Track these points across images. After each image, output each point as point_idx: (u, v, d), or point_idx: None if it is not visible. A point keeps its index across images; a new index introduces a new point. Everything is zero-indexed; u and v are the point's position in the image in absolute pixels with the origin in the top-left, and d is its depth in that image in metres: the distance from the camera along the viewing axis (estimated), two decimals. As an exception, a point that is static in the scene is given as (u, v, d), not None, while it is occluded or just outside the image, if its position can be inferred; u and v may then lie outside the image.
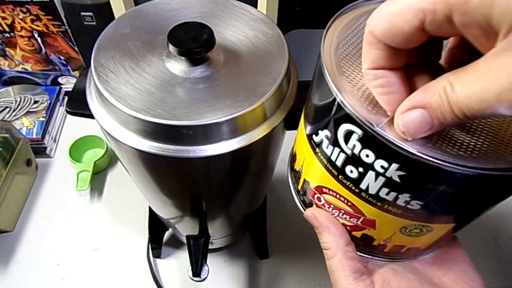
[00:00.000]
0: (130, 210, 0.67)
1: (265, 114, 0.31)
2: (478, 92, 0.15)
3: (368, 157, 0.20)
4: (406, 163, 0.18)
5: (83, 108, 0.33)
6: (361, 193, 0.22)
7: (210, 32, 0.30)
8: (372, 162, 0.20)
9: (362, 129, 0.19)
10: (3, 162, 0.61)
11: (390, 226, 0.23)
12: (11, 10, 0.64)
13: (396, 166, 0.19)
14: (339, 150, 0.21)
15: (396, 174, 0.19)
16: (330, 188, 0.24)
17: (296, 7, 0.65)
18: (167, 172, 0.35)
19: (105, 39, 0.34)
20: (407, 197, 0.20)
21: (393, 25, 0.16)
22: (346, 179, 0.22)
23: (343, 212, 0.25)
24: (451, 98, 0.16)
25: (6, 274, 0.60)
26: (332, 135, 0.21)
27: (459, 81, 0.16)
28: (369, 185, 0.21)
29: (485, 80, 0.14)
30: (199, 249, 0.50)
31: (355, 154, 0.20)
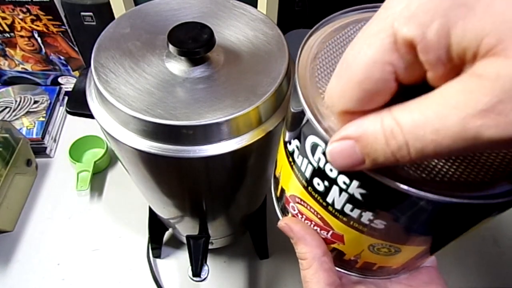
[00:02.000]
0: (130, 210, 0.67)
1: (265, 114, 0.31)
2: (433, 119, 0.12)
3: (331, 172, 0.19)
4: (365, 181, 0.18)
5: (83, 108, 0.33)
6: (328, 206, 0.21)
7: (210, 32, 0.30)
8: (336, 177, 0.19)
9: (326, 143, 0.18)
10: (3, 162, 0.61)
11: (358, 243, 0.22)
12: (11, 10, 0.64)
13: (356, 183, 0.18)
14: (307, 162, 0.21)
15: (357, 191, 0.18)
16: (301, 199, 0.24)
17: (296, 7, 0.65)
18: (167, 172, 0.35)
19: (105, 39, 0.34)
20: (370, 215, 0.19)
21: (366, 90, 0.14)
22: (314, 191, 0.22)
23: (314, 223, 0.24)
24: (394, 131, 0.13)
25: (6, 274, 0.60)
26: (301, 146, 0.21)
27: (406, 110, 0.13)
28: (335, 200, 0.20)
29: (443, 106, 0.12)
30: (199, 249, 0.50)
31: (320, 167, 0.20)
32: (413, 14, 0.13)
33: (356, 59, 0.14)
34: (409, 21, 0.13)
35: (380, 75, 0.14)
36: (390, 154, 0.14)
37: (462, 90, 0.12)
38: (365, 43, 0.14)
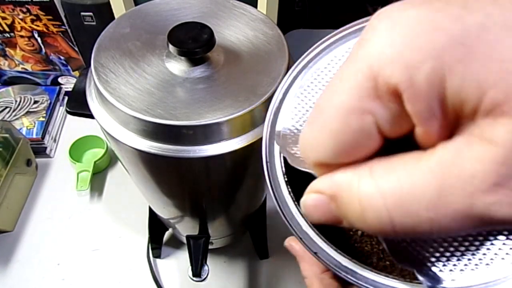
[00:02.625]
0: (130, 210, 0.67)
1: (265, 114, 0.31)
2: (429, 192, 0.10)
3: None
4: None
5: (83, 108, 0.33)
6: None
7: (210, 32, 0.30)
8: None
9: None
10: (3, 162, 0.61)
11: None
12: (11, 10, 0.64)
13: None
14: None
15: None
16: None
17: (296, 7, 0.65)
18: (167, 172, 0.35)
19: (105, 39, 0.34)
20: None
21: (342, 142, 0.12)
22: None
23: None
24: (372, 200, 0.11)
25: (6, 274, 0.60)
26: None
27: (392, 173, 0.11)
28: None
29: (443, 176, 0.10)
30: (199, 249, 0.50)
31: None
32: (398, 52, 0.10)
33: (330, 104, 0.12)
34: (392, 61, 0.10)
35: (358, 126, 0.11)
36: (367, 227, 0.11)
37: (469, 158, 0.10)
38: (340, 87, 0.12)
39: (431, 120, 0.10)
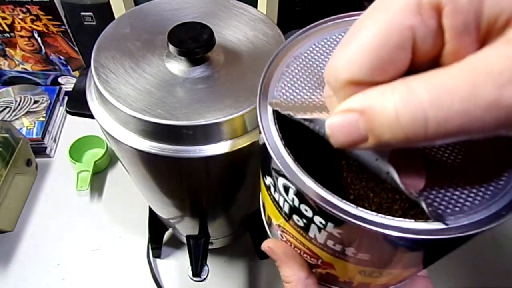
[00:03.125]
0: (130, 210, 0.67)
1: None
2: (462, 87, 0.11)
3: (307, 212, 0.19)
4: (339, 224, 0.17)
5: (83, 108, 0.33)
6: (311, 240, 0.21)
7: (210, 32, 0.30)
8: (312, 217, 0.19)
9: (295, 187, 0.18)
10: (3, 162, 0.61)
11: (348, 270, 0.22)
12: (11, 10, 0.64)
13: (332, 225, 0.18)
14: (283, 199, 0.20)
15: (335, 231, 0.18)
16: (286, 230, 0.23)
17: (296, 7, 0.65)
18: (167, 172, 0.35)
19: (105, 39, 0.34)
20: (353, 250, 0.19)
21: (379, 58, 0.12)
22: (296, 225, 0.21)
23: (303, 252, 0.24)
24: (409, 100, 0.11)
25: (6, 274, 0.60)
26: (275, 184, 0.20)
27: (425, 79, 0.12)
28: (316, 236, 0.20)
29: (474, 73, 0.11)
30: (199, 249, 0.50)
31: (296, 207, 0.19)
32: None
33: (371, 23, 0.13)
34: None
35: (397, 41, 0.12)
36: (400, 130, 0.12)
37: (497, 56, 0.11)
38: (383, 5, 0.12)
39: (465, 34, 0.11)
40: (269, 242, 0.26)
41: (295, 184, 0.17)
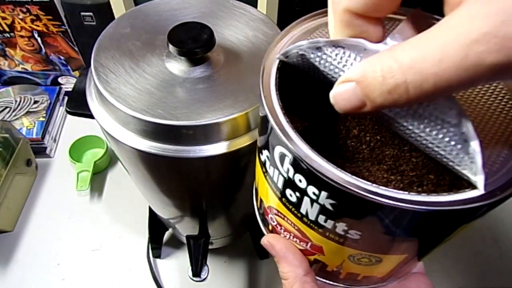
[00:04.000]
0: (130, 210, 0.67)
1: (265, 114, 0.31)
2: (435, 50, 0.12)
3: (301, 182, 0.19)
4: (334, 192, 0.17)
5: (83, 108, 0.33)
6: (303, 218, 0.21)
7: (210, 32, 0.30)
8: (305, 188, 0.19)
9: (292, 153, 0.18)
10: (3, 162, 0.61)
11: (338, 253, 0.22)
12: (11, 10, 0.64)
13: (325, 194, 0.18)
14: (278, 172, 0.20)
15: (327, 202, 0.18)
16: (278, 210, 0.23)
17: (296, 7, 0.65)
18: (167, 172, 0.35)
19: (105, 39, 0.34)
20: (344, 226, 0.19)
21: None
22: (288, 202, 0.21)
23: (293, 235, 0.24)
24: (392, 68, 0.13)
25: (6, 274, 0.60)
26: (271, 156, 0.20)
27: (407, 46, 0.13)
28: (308, 211, 0.20)
29: (447, 35, 0.12)
30: (199, 249, 0.50)
31: (290, 178, 0.19)
32: None
33: None
34: None
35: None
36: (387, 93, 0.13)
37: (467, 15, 0.11)
38: None
39: None
40: (268, 237, 0.26)
41: (292, 149, 0.17)
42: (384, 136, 0.21)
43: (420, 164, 0.20)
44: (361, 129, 0.22)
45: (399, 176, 0.19)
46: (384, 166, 0.20)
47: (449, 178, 0.19)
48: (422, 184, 0.19)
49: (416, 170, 0.20)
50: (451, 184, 0.18)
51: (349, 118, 0.23)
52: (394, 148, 0.21)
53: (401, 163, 0.20)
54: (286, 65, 0.21)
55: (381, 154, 0.21)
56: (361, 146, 0.21)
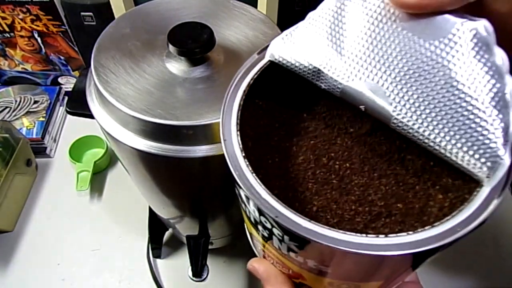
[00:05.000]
0: (130, 210, 0.67)
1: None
2: None
3: (266, 223, 0.19)
4: (295, 237, 0.17)
5: (83, 108, 0.33)
6: (278, 250, 0.21)
7: (210, 32, 0.30)
8: (271, 229, 0.19)
9: (252, 199, 0.18)
10: (3, 162, 0.61)
11: (317, 281, 0.22)
12: (11, 10, 0.64)
13: (287, 237, 0.18)
14: (248, 210, 0.21)
15: (291, 243, 0.18)
16: (258, 240, 0.23)
17: (296, 7, 0.65)
18: (167, 172, 0.35)
19: (105, 39, 0.34)
20: (314, 262, 0.19)
21: None
22: (263, 236, 0.21)
23: (275, 262, 0.24)
24: None
25: (6, 274, 0.60)
26: (239, 194, 0.21)
27: None
28: (279, 246, 0.20)
29: None
30: (199, 249, 0.50)
31: (257, 218, 0.19)
32: None
33: None
34: None
35: None
36: None
37: None
38: None
39: None
40: (253, 261, 0.26)
41: (252, 197, 0.17)
42: (354, 163, 0.21)
43: (389, 193, 0.20)
44: (330, 156, 0.22)
45: (367, 207, 0.19)
46: (352, 197, 0.20)
47: (418, 206, 0.19)
48: (390, 215, 0.19)
49: (384, 199, 0.20)
50: (420, 212, 0.19)
51: (319, 145, 0.22)
52: (363, 176, 0.21)
53: (370, 193, 0.20)
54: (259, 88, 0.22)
55: (350, 183, 0.21)
56: (330, 176, 0.21)
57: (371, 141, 0.22)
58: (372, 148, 0.21)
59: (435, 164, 0.20)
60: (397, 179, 0.20)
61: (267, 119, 0.23)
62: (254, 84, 0.22)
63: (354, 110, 0.23)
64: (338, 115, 0.23)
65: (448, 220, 0.16)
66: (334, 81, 0.19)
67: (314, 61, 0.20)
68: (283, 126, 0.23)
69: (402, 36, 0.17)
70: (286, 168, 0.22)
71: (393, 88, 0.17)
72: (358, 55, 0.18)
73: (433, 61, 0.16)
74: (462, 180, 0.18)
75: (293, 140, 0.23)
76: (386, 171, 0.21)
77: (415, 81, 0.17)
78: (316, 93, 0.23)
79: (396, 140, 0.21)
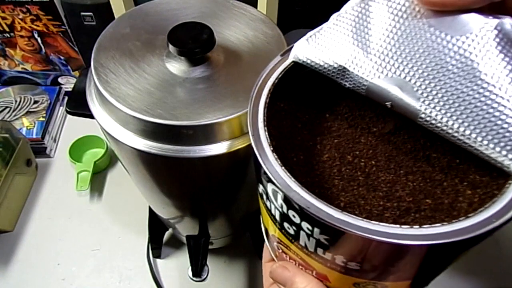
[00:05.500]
0: (130, 210, 0.67)
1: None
2: None
3: (295, 218, 0.19)
4: (326, 229, 0.17)
5: (83, 108, 0.33)
6: (303, 249, 0.21)
7: (210, 32, 0.30)
8: (299, 223, 0.18)
9: (282, 192, 0.18)
10: (3, 162, 0.61)
11: (342, 281, 0.22)
12: (11, 10, 0.64)
13: (318, 230, 0.18)
14: (274, 206, 0.20)
15: (322, 237, 0.18)
16: (280, 240, 0.23)
17: (296, 7, 0.65)
18: (167, 172, 0.35)
19: (105, 39, 0.34)
20: (343, 258, 0.19)
21: None
22: (287, 234, 0.21)
23: (298, 263, 0.24)
24: None
25: (6, 274, 0.60)
26: (265, 191, 0.20)
27: None
28: (306, 243, 0.20)
29: None
30: (199, 249, 0.50)
31: (285, 213, 0.19)
32: None
33: None
34: None
35: None
36: None
37: None
38: None
39: None
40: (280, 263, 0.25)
41: (282, 189, 0.17)
42: (379, 160, 0.21)
43: (417, 189, 0.20)
44: (355, 154, 0.22)
45: (396, 203, 0.19)
46: (380, 192, 0.20)
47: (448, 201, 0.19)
48: (419, 210, 0.19)
49: (412, 195, 0.19)
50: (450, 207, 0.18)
51: (343, 144, 0.22)
52: (389, 172, 0.21)
53: (397, 189, 0.20)
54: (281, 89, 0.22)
55: (376, 180, 0.21)
56: (356, 173, 0.21)
57: (395, 140, 0.22)
58: (396, 146, 0.22)
59: (461, 161, 0.20)
60: (424, 176, 0.20)
61: (290, 119, 0.23)
62: (277, 86, 0.22)
63: (376, 111, 0.23)
64: (360, 115, 0.23)
65: (482, 212, 0.16)
66: (360, 79, 0.20)
67: (339, 60, 0.20)
68: (306, 126, 0.23)
69: (427, 33, 0.17)
70: (311, 166, 0.22)
71: (421, 83, 0.17)
72: (385, 52, 0.18)
73: (460, 56, 0.16)
74: (489, 177, 0.18)
75: (317, 139, 0.23)
76: (412, 168, 0.20)
77: (442, 75, 0.17)
78: (337, 94, 0.24)
79: (420, 138, 0.21)
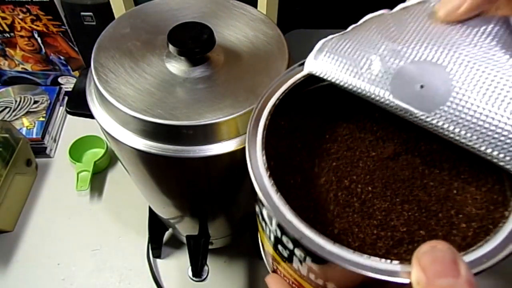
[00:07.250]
0: (130, 210, 0.67)
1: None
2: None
3: (288, 243, 0.19)
4: (318, 259, 0.17)
5: (83, 108, 0.33)
6: (296, 271, 0.21)
7: (210, 32, 0.30)
8: (293, 249, 0.19)
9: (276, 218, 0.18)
10: (3, 162, 0.61)
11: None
12: (11, 10, 0.64)
13: (310, 259, 0.18)
14: (268, 229, 0.20)
15: (313, 265, 0.18)
16: (275, 258, 0.23)
17: (296, 7, 0.65)
18: (167, 172, 0.35)
19: (105, 39, 0.34)
20: (334, 285, 0.19)
21: None
22: (281, 255, 0.21)
23: (292, 282, 0.24)
24: None
25: (6, 274, 0.60)
26: (261, 212, 0.21)
27: None
28: (299, 268, 0.20)
29: None
30: (199, 249, 0.50)
31: (279, 237, 0.19)
32: None
33: None
34: None
35: None
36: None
37: None
38: None
39: None
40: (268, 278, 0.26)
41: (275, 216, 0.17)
42: (376, 187, 0.21)
43: (411, 219, 0.20)
44: (352, 179, 0.22)
45: (390, 232, 0.19)
46: (374, 221, 0.20)
47: (441, 234, 0.19)
48: (412, 241, 0.19)
49: (407, 225, 0.19)
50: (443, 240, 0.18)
51: (341, 167, 0.22)
52: (385, 200, 0.21)
53: (392, 217, 0.20)
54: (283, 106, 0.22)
55: (372, 207, 0.21)
56: (352, 199, 0.21)
57: (393, 166, 0.22)
58: (394, 172, 0.22)
59: (458, 192, 0.20)
60: (419, 205, 0.20)
61: (290, 139, 0.23)
62: (279, 104, 0.22)
63: (376, 134, 0.23)
64: (360, 138, 0.23)
65: (474, 251, 0.16)
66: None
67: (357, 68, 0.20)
68: (305, 147, 0.23)
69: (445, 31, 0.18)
70: (308, 189, 0.22)
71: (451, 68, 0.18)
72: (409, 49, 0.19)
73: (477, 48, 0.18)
74: (486, 210, 0.18)
75: (315, 161, 0.23)
76: (408, 196, 0.20)
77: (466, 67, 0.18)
78: (339, 114, 0.24)
79: (419, 166, 0.21)
